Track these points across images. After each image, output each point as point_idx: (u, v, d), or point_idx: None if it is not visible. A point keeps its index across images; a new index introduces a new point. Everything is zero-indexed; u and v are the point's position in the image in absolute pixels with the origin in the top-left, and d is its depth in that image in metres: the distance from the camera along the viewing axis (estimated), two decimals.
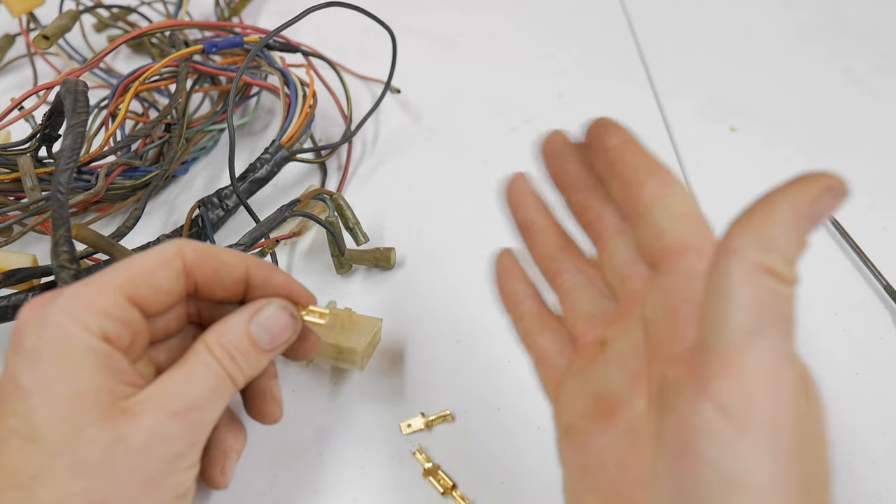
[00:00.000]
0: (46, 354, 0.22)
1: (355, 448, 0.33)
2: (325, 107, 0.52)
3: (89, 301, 0.23)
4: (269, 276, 0.27)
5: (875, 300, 0.41)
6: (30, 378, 0.21)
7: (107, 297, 0.23)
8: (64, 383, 0.22)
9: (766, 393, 0.17)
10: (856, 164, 0.51)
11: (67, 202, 0.30)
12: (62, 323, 0.22)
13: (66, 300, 0.23)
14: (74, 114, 0.33)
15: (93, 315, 0.23)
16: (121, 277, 0.24)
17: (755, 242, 0.18)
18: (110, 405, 0.22)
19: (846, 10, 0.68)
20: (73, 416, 0.21)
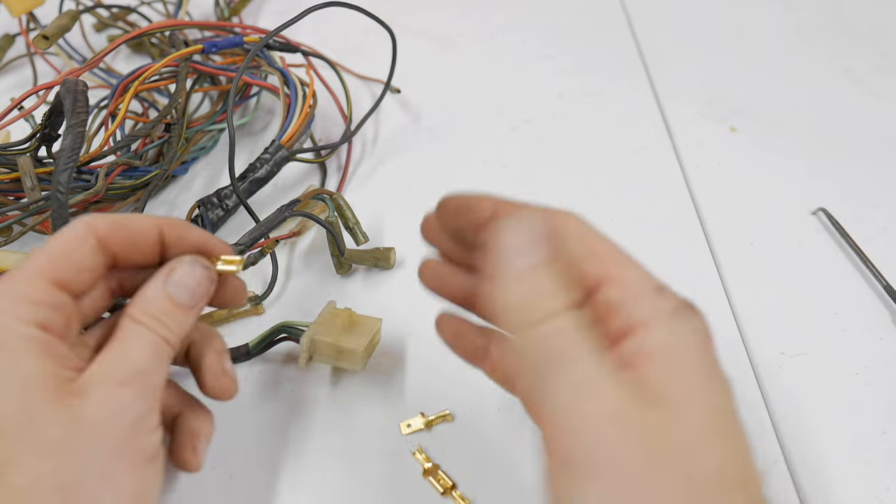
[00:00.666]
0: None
1: (355, 448, 0.33)
2: (325, 107, 0.52)
3: (17, 293, 0.23)
4: (182, 233, 0.27)
5: (875, 300, 0.41)
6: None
7: (33, 285, 0.24)
8: (11, 373, 0.22)
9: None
10: (855, 164, 0.51)
11: (67, 202, 0.30)
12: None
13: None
14: (74, 113, 0.33)
15: (24, 306, 0.23)
16: (42, 264, 0.24)
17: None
18: (58, 388, 0.22)
19: (846, 11, 0.68)
20: (25, 403, 0.22)
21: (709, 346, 0.21)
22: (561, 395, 0.20)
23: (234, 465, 0.32)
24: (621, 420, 0.19)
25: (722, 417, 0.20)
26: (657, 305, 0.21)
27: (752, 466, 0.20)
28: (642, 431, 0.19)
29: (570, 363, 0.20)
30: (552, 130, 0.53)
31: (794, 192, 0.48)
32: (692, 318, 0.21)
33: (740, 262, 0.43)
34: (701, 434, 0.19)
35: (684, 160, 0.51)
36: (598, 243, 0.23)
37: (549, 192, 0.48)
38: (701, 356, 0.21)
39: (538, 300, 0.21)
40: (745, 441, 0.20)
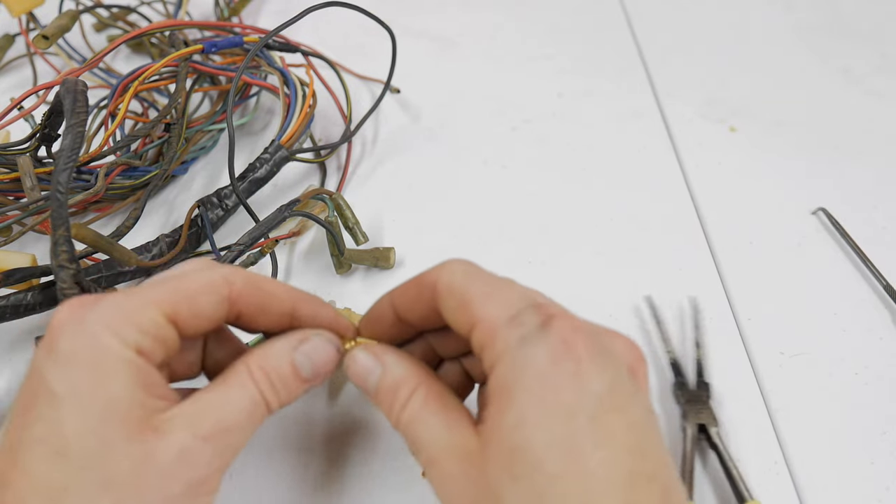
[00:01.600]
0: (80, 361, 0.21)
1: (355, 448, 0.33)
2: (325, 107, 0.52)
3: (128, 313, 0.22)
4: (316, 312, 0.27)
5: (875, 300, 0.41)
6: (62, 384, 0.21)
7: (146, 311, 0.23)
8: (97, 393, 0.21)
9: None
10: (855, 164, 0.51)
11: (67, 202, 0.30)
12: (98, 331, 0.22)
13: (105, 308, 0.22)
14: (74, 113, 0.33)
15: (130, 327, 0.22)
16: (163, 294, 0.23)
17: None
18: (142, 420, 0.22)
19: (845, 11, 0.68)
20: (104, 429, 0.21)
21: (562, 359, 0.21)
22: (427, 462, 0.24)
23: (234, 466, 0.32)
24: (462, 472, 0.22)
25: (572, 429, 0.21)
26: (506, 338, 0.22)
27: (610, 468, 0.20)
28: (469, 477, 0.22)
29: (424, 443, 0.24)
30: (552, 130, 0.53)
31: (793, 192, 0.48)
32: (543, 338, 0.22)
33: (740, 262, 0.43)
34: (546, 451, 0.20)
35: (684, 160, 0.51)
36: (466, 288, 0.23)
37: (549, 192, 0.48)
38: (551, 372, 0.21)
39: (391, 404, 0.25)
40: (603, 443, 0.21)
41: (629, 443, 0.21)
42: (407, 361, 0.26)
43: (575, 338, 0.22)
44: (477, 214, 0.46)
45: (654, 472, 0.21)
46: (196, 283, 0.24)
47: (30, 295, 0.35)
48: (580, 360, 0.21)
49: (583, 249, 0.44)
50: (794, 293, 0.42)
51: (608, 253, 0.43)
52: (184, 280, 0.24)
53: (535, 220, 0.46)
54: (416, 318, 0.26)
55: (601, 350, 0.22)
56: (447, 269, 0.24)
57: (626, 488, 0.20)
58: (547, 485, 0.20)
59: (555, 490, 0.20)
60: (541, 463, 0.20)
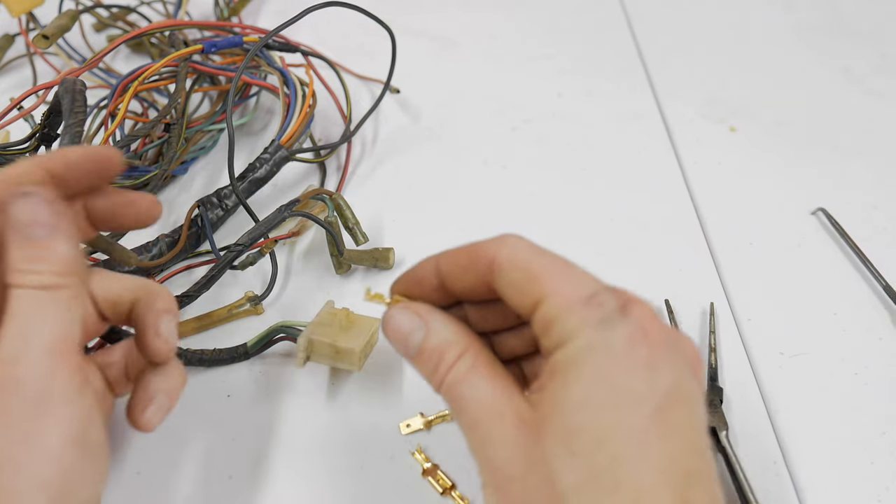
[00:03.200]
0: None
1: (354, 448, 0.33)
2: (325, 107, 0.52)
3: None
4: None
5: (875, 300, 0.41)
6: None
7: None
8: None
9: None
10: (855, 163, 0.51)
11: None
12: None
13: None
14: (72, 113, 0.33)
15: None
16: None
17: None
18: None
19: (846, 11, 0.68)
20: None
21: (638, 344, 0.21)
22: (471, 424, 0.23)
23: (233, 466, 0.32)
24: (512, 440, 0.22)
25: (639, 416, 0.20)
26: (584, 316, 0.22)
27: (679, 459, 0.20)
28: (527, 447, 0.21)
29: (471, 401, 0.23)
30: (552, 130, 0.53)
31: (793, 192, 0.48)
32: (622, 321, 0.21)
33: (740, 262, 0.43)
34: (609, 432, 0.20)
35: (684, 160, 0.51)
36: (532, 263, 0.23)
37: (548, 192, 0.48)
38: (626, 356, 0.21)
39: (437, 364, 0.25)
40: (669, 435, 0.20)
41: (690, 440, 0.21)
42: (454, 324, 0.25)
43: (652, 326, 0.22)
44: (477, 214, 0.46)
45: (708, 473, 0.21)
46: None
47: None
48: (655, 350, 0.21)
49: (583, 250, 0.43)
50: (794, 293, 0.42)
51: (608, 253, 0.43)
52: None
53: (535, 220, 0.46)
54: (462, 286, 0.25)
55: (673, 343, 0.22)
56: (508, 243, 0.24)
57: (682, 486, 0.20)
58: (605, 467, 0.20)
59: (612, 474, 0.20)
60: (602, 444, 0.20)
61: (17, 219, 0.23)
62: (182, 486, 0.32)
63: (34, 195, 0.23)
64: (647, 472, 0.20)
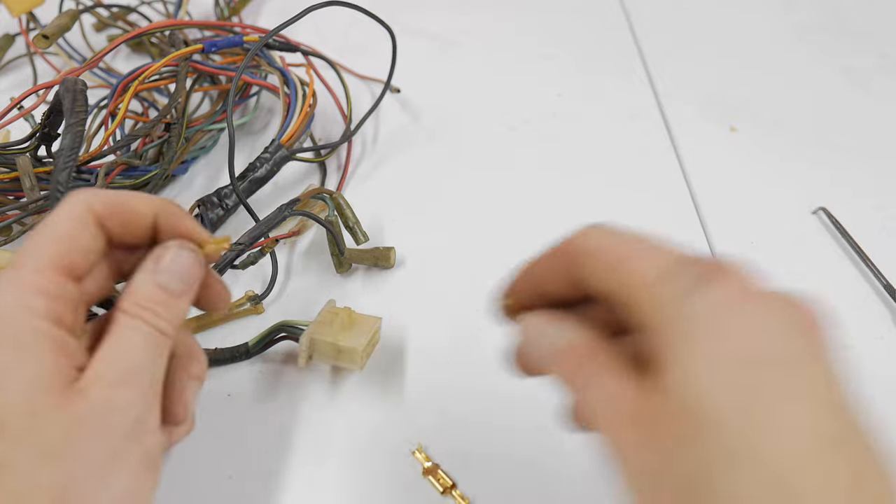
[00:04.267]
0: (2, 345, 0.22)
1: (355, 447, 0.33)
2: (325, 106, 0.52)
3: (29, 284, 0.23)
4: (175, 222, 0.26)
5: (875, 300, 0.41)
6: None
7: (44, 275, 0.23)
8: (21, 372, 0.22)
9: None
10: (855, 163, 0.51)
11: None
12: (12, 312, 0.22)
13: (7, 288, 0.23)
14: (73, 113, 0.33)
15: (36, 298, 0.23)
16: (48, 250, 0.24)
17: None
18: (63, 389, 0.22)
19: (846, 10, 0.68)
20: (30, 405, 0.21)
21: (733, 302, 0.19)
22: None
23: (233, 465, 0.32)
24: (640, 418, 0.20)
25: (754, 378, 0.18)
26: (664, 292, 0.20)
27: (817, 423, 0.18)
28: (646, 432, 0.20)
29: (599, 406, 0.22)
30: (552, 130, 0.53)
31: (794, 192, 0.48)
32: (709, 283, 0.19)
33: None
34: (722, 404, 0.18)
35: (684, 160, 0.51)
36: (610, 250, 0.22)
37: (548, 191, 0.48)
38: (719, 317, 0.19)
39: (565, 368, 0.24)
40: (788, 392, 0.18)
41: (829, 398, 0.18)
42: (579, 325, 0.24)
43: (747, 284, 0.20)
44: (477, 214, 0.46)
45: (845, 434, 0.19)
46: (68, 224, 0.24)
47: None
48: (755, 306, 0.19)
49: None
50: (795, 293, 0.42)
51: None
52: (56, 227, 0.24)
53: (535, 220, 0.45)
54: (558, 290, 0.25)
55: (777, 298, 0.20)
56: (588, 235, 0.23)
57: (818, 451, 0.18)
58: (732, 443, 0.18)
59: (740, 449, 0.17)
60: (723, 419, 0.18)
61: (168, 265, 0.25)
62: (182, 485, 0.32)
63: (194, 253, 0.26)
64: (782, 441, 0.17)
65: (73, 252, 0.24)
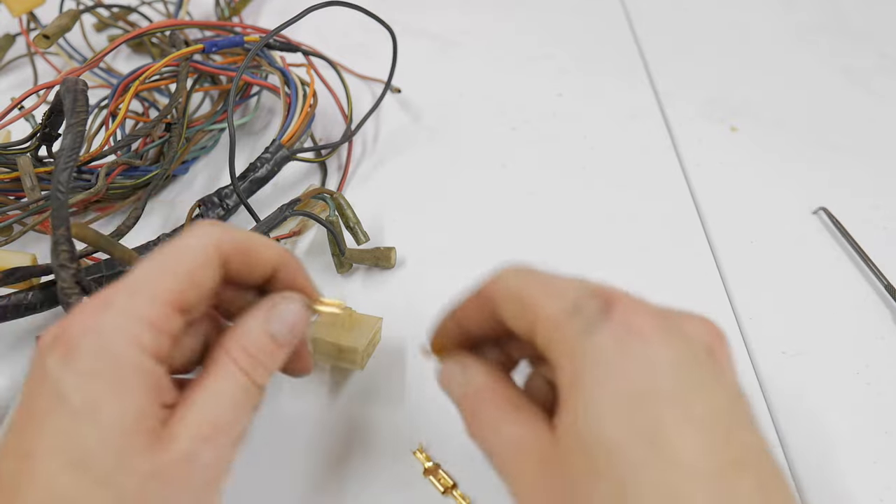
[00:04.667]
0: (101, 374, 0.21)
1: (355, 447, 0.33)
2: (326, 106, 0.52)
3: (142, 316, 0.22)
4: (294, 275, 0.27)
5: (875, 300, 0.41)
6: (82, 397, 0.21)
7: (157, 309, 0.22)
8: (117, 410, 0.21)
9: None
10: (856, 163, 0.51)
11: (67, 201, 0.30)
12: (119, 341, 0.21)
13: (120, 314, 0.22)
14: (74, 113, 0.33)
15: (147, 331, 0.22)
16: (168, 284, 0.23)
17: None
18: (152, 433, 0.21)
19: (846, 10, 0.68)
20: (121, 444, 0.21)
21: (628, 340, 0.20)
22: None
23: (233, 465, 0.32)
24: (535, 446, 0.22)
25: (649, 413, 0.19)
26: (567, 330, 0.21)
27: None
28: (544, 453, 0.21)
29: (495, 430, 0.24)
30: (552, 130, 0.53)
31: (794, 192, 0.48)
32: (607, 320, 0.20)
33: (741, 262, 0.43)
34: (621, 441, 0.19)
35: (685, 160, 0.51)
36: (521, 290, 0.23)
37: (549, 191, 0.48)
38: (619, 357, 0.20)
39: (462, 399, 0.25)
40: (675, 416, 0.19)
41: (714, 426, 0.19)
42: (489, 369, 0.25)
43: (640, 319, 0.20)
44: (477, 214, 0.46)
45: (745, 458, 0.19)
46: (192, 260, 0.23)
47: (30, 294, 0.35)
48: (649, 341, 0.20)
49: (583, 249, 0.44)
50: (795, 293, 0.42)
51: (608, 253, 0.43)
52: (180, 258, 0.23)
53: (535, 220, 0.46)
54: (482, 331, 0.25)
55: (671, 328, 0.20)
56: (502, 277, 0.23)
57: (717, 477, 0.18)
58: (630, 477, 0.18)
59: (639, 482, 0.18)
60: (619, 453, 0.18)
61: (283, 315, 0.25)
62: None
63: (308, 310, 0.26)
64: (673, 472, 0.18)
65: (190, 290, 0.23)
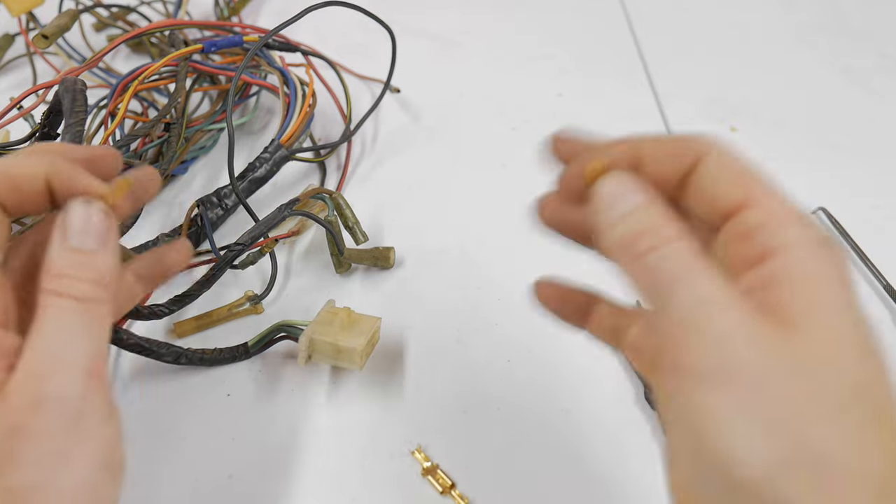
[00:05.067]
0: None
1: (354, 447, 0.33)
2: (325, 106, 0.52)
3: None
4: (71, 182, 0.24)
5: (875, 300, 0.41)
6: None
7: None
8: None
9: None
10: (856, 163, 0.51)
11: None
12: None
13: None
14: (73, 113, 0.33)
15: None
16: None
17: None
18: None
19: (846, 10, 0.68)
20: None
21: (848, 282, 0.20)
22: (683, 313, 0.19)
23: (233, 465, 0.32)
24: (753, 332, 0.19)
25: (861, 346, 0.19)
26: (801, 232, 0.20)
27: (889, 389, 0.19)
28: (776, 343, 0.19)
29: (688, 282, 0.19)
30: (552, 130, 0.53)
31: (794, 192, 0.48)
32: (836, 252, 0.20)
33: None
34: (839, 355, 0.19)
35: None
36: (740, 169, 0.23)
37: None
38: (841, 288, 0.20)
39: (641, 236, 0.21)
40: (883, 368, 0.20)
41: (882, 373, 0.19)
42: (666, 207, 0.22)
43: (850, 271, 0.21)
44: (477, 214, 0.46)
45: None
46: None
47: None
48: (855, 294, 0.20)
49: (583, 249, 0.44)
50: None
51: None
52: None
53: (535, 220, 0.45)
54: (658, 175, 0.23)
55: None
56: (721, 143, 0.23)
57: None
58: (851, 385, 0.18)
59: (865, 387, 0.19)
60: (832, 364, 0.19)
61: (70, 223, 0.22)
62: (182, 485, 0.32)
63: (93, 203, 0.23)
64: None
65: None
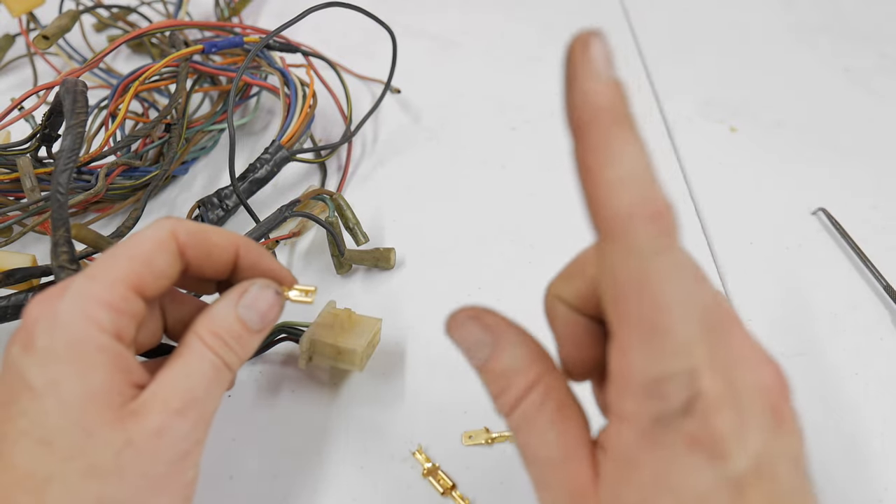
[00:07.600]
0: (60, 356, 0.22)
1: (355, 448, 0.33)
2: (325, 107, 0.52)
3: (99, 297, 0.22)
4: (257, 259, 0.27)
5: (875, 300, 0.41)
6: (42, 379, 0.21)
7: (115, 291, 0.23)
8: (77, 386, 0.21)
9: None
10: (856, 164, 0.51)
11: (67, 202, 0.30)
12: (75, 322, 0.22)
13: (76, 297, 0.22)
14: (74, 114, 0.33)
15: (104, 312, 0.22)
16: (124, 268, 0.23)
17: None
18: (120, 407, 0.22)
19: (846, 10, 0.68)
20: (86, 420, 0.21)
21: (697, 448, 0.18)
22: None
23: (234, 466, 0.32)
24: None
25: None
26: (640, 408, 0.19)
27: None
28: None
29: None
30: (552, 130, 0.53)
31: (794, 192, 0.48)
32: (682, 421, 0.18)
33: (740, 262, 0.43)
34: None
35: (684, 160, 0.51)
36: (618, 304, 0.20)
37: (549, 192, 0.48)
38: (684, 458, 0.18)
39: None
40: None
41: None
42: (529, 346, 0.22)
43: (718, 423, 0.18)
44: (477, 214, 0.46)
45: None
46: (148, 246, 0.24)
47: (30, 295, 0.35)
48: (718, 446, 0.18)
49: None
50: (795, 293, 0.42)
51: None
52: (136, 246, 0.24)
53: (535, 220, 0.46)
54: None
55: (745, 425, 0.19)
56: (630, 254, 0.19)
57: None
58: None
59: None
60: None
61: (252, 301, 0.26)
62: None
63: (279, 295, 0.26)
64: None
65: (147, 273, 0.24)
